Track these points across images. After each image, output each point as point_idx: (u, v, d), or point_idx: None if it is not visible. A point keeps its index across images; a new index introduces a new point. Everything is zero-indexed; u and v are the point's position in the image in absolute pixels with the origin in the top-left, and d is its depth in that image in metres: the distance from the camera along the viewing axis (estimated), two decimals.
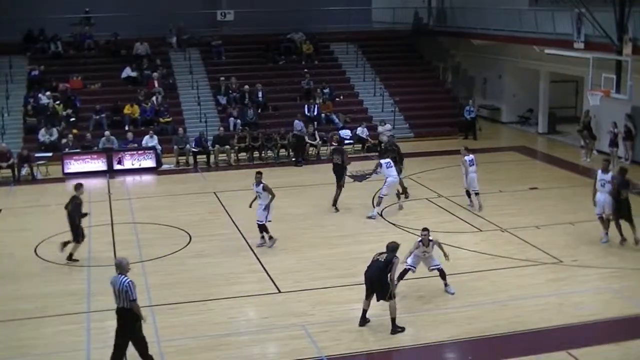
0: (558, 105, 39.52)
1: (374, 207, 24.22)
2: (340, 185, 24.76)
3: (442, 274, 17.77)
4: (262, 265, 19.66)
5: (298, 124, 32.51)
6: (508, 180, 28.26)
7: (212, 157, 31.89)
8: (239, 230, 22.64)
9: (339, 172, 24.86)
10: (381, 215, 24.10)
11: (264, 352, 15.20)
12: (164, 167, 31.62)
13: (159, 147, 31.88)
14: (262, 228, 21.29)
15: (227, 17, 42.44)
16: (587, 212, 22.63)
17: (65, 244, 20.14)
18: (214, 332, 15.66)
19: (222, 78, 37.50)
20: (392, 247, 15.87)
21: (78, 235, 20.23)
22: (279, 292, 17.97)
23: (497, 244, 21.37)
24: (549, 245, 20.92)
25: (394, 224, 23.16)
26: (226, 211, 24.77)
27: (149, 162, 31.33)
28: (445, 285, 17.85)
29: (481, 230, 22.63)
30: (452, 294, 17.69)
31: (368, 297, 16.01)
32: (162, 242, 21.51)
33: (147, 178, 30.75)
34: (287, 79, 39.33)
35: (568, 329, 15.81)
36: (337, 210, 24.52)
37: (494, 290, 17.91)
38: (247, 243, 21.45)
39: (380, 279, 15.65)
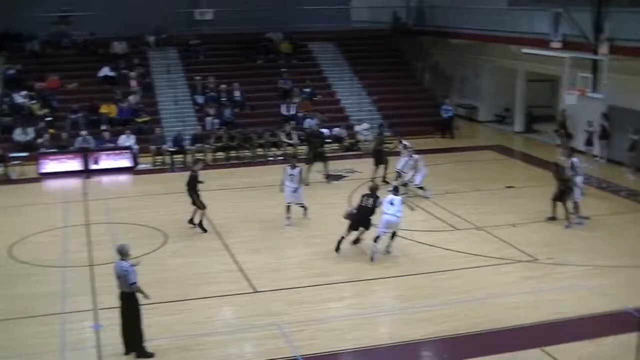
0: (535, 104, 39.69)
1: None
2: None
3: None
4: (239, 265, 19.64)
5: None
6: (484, 179, 28.37)
7: (189, 157, 31.80)
8: (215, 230, 22.59)
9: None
10: None
11: (240, 351, 15.19)
12: (141, 166, 31.50)
13: (135, 146, 31.76)
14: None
15: (205, 16, 42.30)
16: (562, 211, 22.80)
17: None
18: (191, 332, 15.64)
19: (199, 77, 37.40)
20: (375, 188, 20.48)
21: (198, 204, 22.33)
22: (255, 291, 17.96)
23: (473, 242, 21.47)
24: (525, 243, 21.06)
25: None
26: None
27: (126, 162, 31.19)
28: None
29: (457, 229, 22.71)
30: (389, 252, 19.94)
31: (351, 229, 19.85)
32: (138, 242, 21.27)
33: (123, 178, 30.61)
34: (265, 79, 39.26)
35: (543, 326, 15.91)
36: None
37: (470, 288, 18.00)
38: (224, 243, 21.43)
39: (368, 219, 19.79)
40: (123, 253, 14.53)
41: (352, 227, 20.33)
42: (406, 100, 39.44)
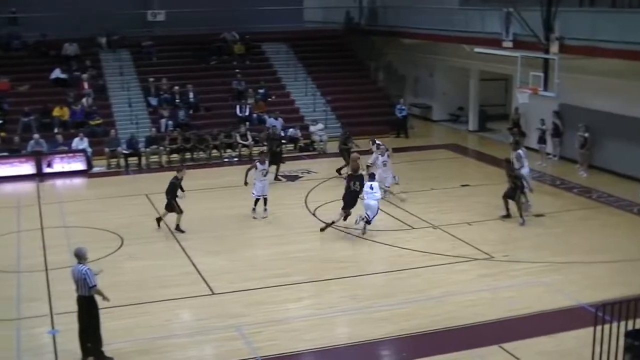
0: (488, 103, 40.04)
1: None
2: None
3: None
4: (195, 267, 19.54)
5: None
6: (440, 178, 28.55)
7: (143, 159, 31.60)
8: (171, 233, 22.46)
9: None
10: (314, 214, 24.15)
11: (199, 354, 15.13)
12: (95, 169, 31.18)
13: (89, 149, 31.42)
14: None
15: (158, 17, 42.02)
16: (515, 208, 23.08)
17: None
18: (150, 335, 15.54)
19: (152, 79, 37.16)
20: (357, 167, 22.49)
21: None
22: (213, 293, 17.89)
23: (430, 241, 21.60)
24: (481, 241, 21.24)
25: (326, 223, 23.18)
26: (158, 213, 24.45)
27: (80, 165, 30.84)
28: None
29: (414, 228, 22.82)
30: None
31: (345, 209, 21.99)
32: (94, 246, 20.94)
33: (77, 181, 30.26)
34: (219, 80, 39.14)
35: (500, 323, 16.07)
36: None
37: (428, 287, 18.11)
38: (180, 245, 21.32)
39: (354, 201, 22.05)
40: (81, 256, 14.37)
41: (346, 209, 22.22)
42: (360, 100, 39.54)
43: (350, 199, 22.27)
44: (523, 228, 22.52)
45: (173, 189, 22.37)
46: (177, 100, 36.31)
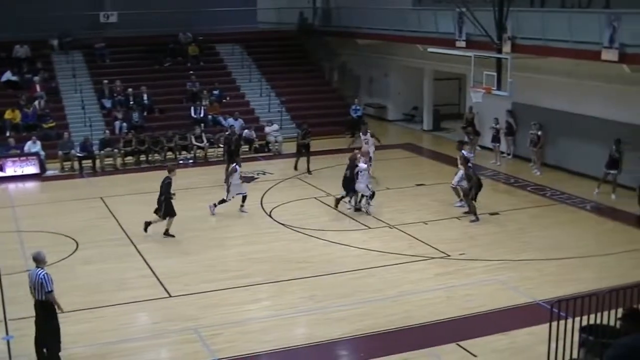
0: (442, 102, 40.33)
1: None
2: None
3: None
4: (152, 270, 19.44)
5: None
6: (395, 178, 28.68)
7: (98, 162, 31.35)
8: (127, 236, 22.33)
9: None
10: (270, 215, 24.16)
11: (157, 357, 15.13)
12: (49, 173, 30.85)
13: (42, 152, 31.10)
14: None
15: (110, 18, 41.71)
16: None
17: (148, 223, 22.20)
18: (106, 339, 15.40)
19: (106, 81, 36.89)
20: (354, 158, 24.08)
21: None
22: (170, 296, 17.81)
23: (386, 240, 21.69)
24: (437, 240, 21.39)
25: (283, 224, 23.25)
26: (114, 216, 24.41)
27: (33, 169, 30.48)
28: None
29: (370, 228, 22.91)
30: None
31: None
32: (48, 250, 20.63)
33: (30, 185, 29.93)
34: (173, 81, 38.97)
35: (457, 321, 16.18)
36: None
37: (385, 286, 18.17)
38: (136, 248, 21.19)
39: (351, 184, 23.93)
40: (39, 260, 14.22)
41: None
42: (315, 100, 39.62)
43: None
44: (478, 226, 22.74)
45: (168, 190, 22.05)
46: (131, 102, 36.07)
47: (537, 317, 15.61)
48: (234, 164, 24.69)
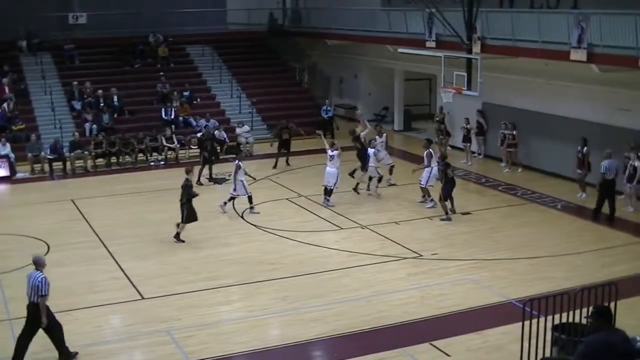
0: (413, 102, 40.47)
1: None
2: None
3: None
4: (124, 272, 19.37)
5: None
6: (366, 178, 28.66)
7: (68, 164, 31.15)
8: (99, 238, 22.22)
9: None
10: (242, 217, 24.14)
11: (130, 359, 15.03)
12: (19, 175, 30.60)
13: (11, 155, 30.86)
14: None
15: (79, 20, 41.41)
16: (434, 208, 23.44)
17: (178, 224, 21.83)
18: (79, 342, 15.25)
19: (75, 82, 36.66)
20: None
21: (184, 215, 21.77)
22: (143, 298, 17.76)
23: (358, 241, 21.76)
24: (409, 240, 21.48)
25: (255, 225, 23.25)
26: (85, 218, 24.27)
27: (2, 171, 30.21)
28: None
29: (342, 228, 22.96)
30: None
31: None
32: (19, 253, 20.76)
33: (0, 187, 29.68)
34: (144, 83, 38.82)
35: (430, 320, 16.26)
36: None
37: (358, 286, 18.22)
38: (108, 250, 21.10)
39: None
40: (39, 263, 14.50)
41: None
42: (286, 101, 39.61)
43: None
44: (450, 226, 22.87)
45: (188, 192, 21.81)
46: (101, 104, 35.86)
47: (510, 316, 15.67)
48: (237, 161, 24.61)
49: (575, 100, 27.35)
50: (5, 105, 34.22)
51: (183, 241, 21.73)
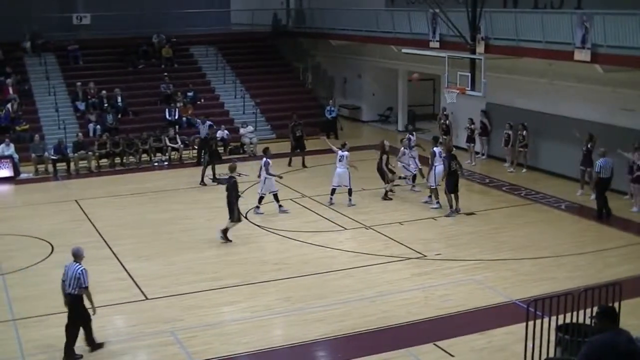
0: (417, 103, 40.47)
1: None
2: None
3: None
4: (128, 273, 19.37)
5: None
6: (370, 178, 28.60)
7: (72, 165, 31.17)
8: (103, 238, 22.22)
9: None
10: (246, 217, 24.13)
11: None
12: (23, 176, 30.65)
13: (15, 155, 30.89)
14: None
15: (83, 20, 41.46)
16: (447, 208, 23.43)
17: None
18: (83, 342, 15.27)
19: (79, 83, 36.69)
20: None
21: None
22: (146, 298, 17.76)
23: (362, 241, 21.75)
24: (413, 241, 21.46)
25: (258, 226, 23.24)
26: (89, 219, 24.28)
27: (6, 172, 30.26)
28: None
29: (346, 229, 22.95)
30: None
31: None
32: (23, 254, 20.89)
33: (4, 188, 29.68)
34: (147, 83, 38.85)
35: (434, 321, 16.23)
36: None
37: (362, 286, 18.20)
38: (112, 251, 21.10)
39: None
40: (78, 255, 14.92)
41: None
42: (290, 102, 39.57)
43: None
44: (454, 226, 22.86)
45: (236, 188, 21.79)
46: (105, 105, 35.90)
47: (513, 317, 15.70)
48: (265, 158, 24.51)
49: (579, 101, 27.33)
50: (9, 105, 34.26)
51: (230, 240, 21.69)
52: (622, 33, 23.38)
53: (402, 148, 26.98)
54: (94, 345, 14.99)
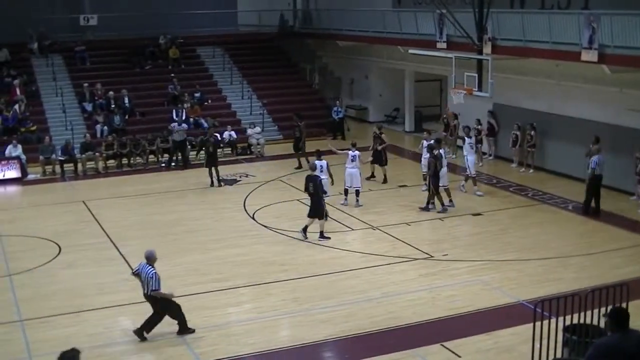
0: (423, 103, 40.45)
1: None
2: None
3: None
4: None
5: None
6: (377, 179, 28.71)
7: (79, 166, 31.20)
8: (110, 239, 22.26)
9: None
10: (253, 218, 24.15)
11: None
12: (30, 177, 30.70)
13: (23, 156, 30.94)
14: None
15: (90, 21, 41.52)
16: (455, 208, 23.40)
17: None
18: (90, 343, 15.29)
19: (86, 84, 36.74)
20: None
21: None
22: None
23: (369, 241, 21.75)
24: (419, 241, 21.44)
25: (265, 226, 23.25)
26: (96, 220, 24.32)
27: (14, 173, 30.34)
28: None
29: (353, 229, 22.94)
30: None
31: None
32: (30, 255, 20.93)
33: (12, 189, 29.78)
34: (154, 84, 38.90)
35: (441, 321, 16.21)
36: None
37: (369, 287, 18.19)
38: (119, 251, 21.13)
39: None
40: (150, 258, 15.47)
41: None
42: (297, 102, 39.54)
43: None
44: (461, 227, 22.86)
45: (321, 188, 22.03)
46: (112, 106, 35.95)
47: (520, 317, 15.69)
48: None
49: (585, 101, 27.28)
50: (16, 107, 34.34)
51: (329, 237, 21.86)
52: (629, 33, 23.32)
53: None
54: (186, 329, 15.70)
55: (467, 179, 26.40)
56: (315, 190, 21.61)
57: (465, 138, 26.06)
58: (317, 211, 21.78)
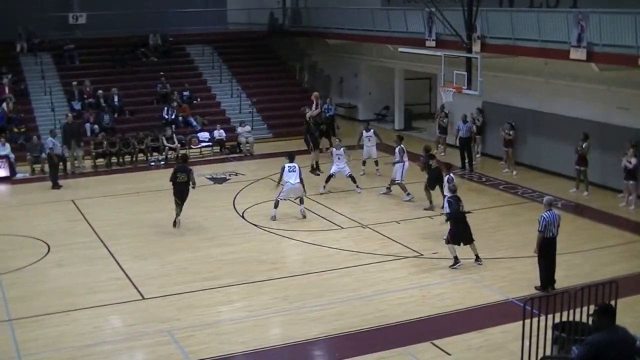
0: (413, 102, 40.50)
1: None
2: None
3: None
4: (125, 272, 19.35)
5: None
6: (367, 177, 28.74)
7: (68, 164, 31.08)
8: (99, 238, 22.20)
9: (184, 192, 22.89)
10: (242, 216, 24.15)
11: None
12: (18, 175, 30.56)
13: (11, 155, 30.82)
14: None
15: (79, 20, 41.36)
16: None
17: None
18: (79, 342, 15.32)
19: (75, 83, 36.62)
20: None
21: None
22: (143, 298, 17.74)
23: (359, 240, 21.74)
24: (410, 240, 21.47)
25: (255, 225, 23.24)
26: (85, 219, 24.26)
27: (2, 172, 30.16)
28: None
29: (343, 228, 22.96)
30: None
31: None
32: (19, 254, 20.84)
33: (0, 188, 29.68)
34: (144, 83, 38.80)
35: (431, 319, 16.27)
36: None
37: (359, 285, 18.22)
38: (109, 250, 21.08)
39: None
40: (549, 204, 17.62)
41: None
42: (286, 101, 39.60)
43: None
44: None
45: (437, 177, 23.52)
46: (101, 104, 35.84)
47: (510, 315, 15.68)
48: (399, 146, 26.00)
49: (574, 99, 27.35)
50: (4, 105, 34.17)
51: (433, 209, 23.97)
52: (617, 32, 23.39)
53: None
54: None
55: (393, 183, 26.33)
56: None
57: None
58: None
